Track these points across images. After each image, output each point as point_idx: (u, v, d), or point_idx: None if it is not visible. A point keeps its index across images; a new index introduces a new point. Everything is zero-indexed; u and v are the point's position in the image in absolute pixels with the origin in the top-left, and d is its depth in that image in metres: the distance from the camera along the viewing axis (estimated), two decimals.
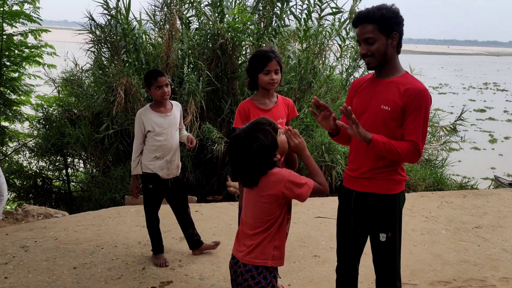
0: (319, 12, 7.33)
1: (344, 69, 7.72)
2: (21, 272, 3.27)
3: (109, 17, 6.51)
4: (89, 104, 6.53)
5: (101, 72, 6.63)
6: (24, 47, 7.79)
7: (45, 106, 7.84)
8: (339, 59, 7.70)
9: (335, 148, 6.10)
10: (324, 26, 7.48)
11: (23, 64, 7.87)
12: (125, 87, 5.90)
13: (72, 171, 7.94)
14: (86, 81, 7.35)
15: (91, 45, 6.76)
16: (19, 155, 8.06)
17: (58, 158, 7.62)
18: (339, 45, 7.67)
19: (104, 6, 6.45)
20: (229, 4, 6.79)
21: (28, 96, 8.19)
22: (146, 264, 3.45)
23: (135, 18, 6.89)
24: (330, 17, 7.54)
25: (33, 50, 7.88)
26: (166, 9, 6.61)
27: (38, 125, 7.71)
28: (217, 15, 6.71)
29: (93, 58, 6.89)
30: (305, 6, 7.29)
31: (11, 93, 7.90)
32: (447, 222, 4.56)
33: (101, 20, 6.64)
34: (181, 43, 6.57)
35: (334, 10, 7.37)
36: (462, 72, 51.18)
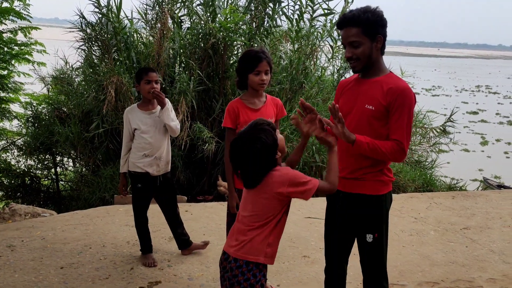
0: (311, 13, 7.34)
1: (335, 70, 7.74)
2: (7, 271, 3.23)
3: (100, 15, 6.46)
4: (79, 102, 6.46)
5: (91, 70, 6.57)
6: (13, 45, 7.69)
7: (35, 104, 7.74)
8: (331, 60, 7.72)
9: (326, 148, 6.10)
10: (316, 27, 7.50)
11: (13, 61, 7.78)
12: (116, 86, 5.86)
13: (61, 170, 7.85)
14: (76, 79, 7.29)
15: (81, 43, 6.70)
16: (7, 154, 7.96)
17: (47, 157, 7.53)
18: (331, 46, 7.69)
19: (95, 4, 6.40)
20: (221, 4, 6.77)
21: (17, 94, 8.10)
22: (135, 264, 3.43)
23: (126, 17, 6.85)
24: (322, 18, 7.56)
25: (22, 47, 7.80)
26: (157, 8, 6.59)
27: (27, 123, 7.61)
28: (209, 14, 6.69)
29: (84, 57, 6.84)
30: (297, 7, 7.31)
31: (0, 91, 7.81)
32: (435, 223, 4.59)
33: (92, 18, 6.60)
34: (173, 42, 6.54)
35: (326, 11, 7.39)
36: (455, 74, 51.81)
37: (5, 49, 7.62)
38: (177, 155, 5.98)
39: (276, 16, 7.11)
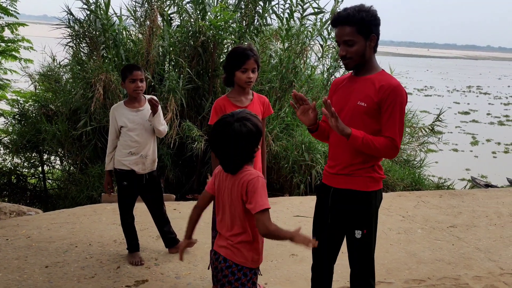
0: (301, 12, 7.35)
1: (325, 69, 7.76)
2: None
3: (88, 12, 6.39)
4: (67, 100, 6.39)
5: (79, 67, 6.50)
6: (0, 41, 7.60)
7: (21, 102, 7.65)
8: (321, 59, 7.73)
9: (315, 147, 6.13)
10: (306, 26, 7.51)
11: None
12: (104, 83, 5.81)
13: (48, 168, 7.77)
14: (64, 76, 7.21)
15: (69, 40, 6.62)
16: None
17: (33, 155, 7.45)
18: (321, 45, 7.71)
19: (84, 1, 6.33)
20: (211, 2, 6.75)
21: (3, 91, 7.99)
22: (121, 262, 3.39)
23: (115, 14, 6.79)
24: (312, 17, 7.57)
25: (9, 44, 7.71)
26: (147, 5, 6.54)
27: (14, 121, 7.51)
28: (199, 12, 6.67)
29: (72, 53, 6.76)
30: (287, 5, 7.31)
31: None
32: (423, 222, 4.62)
33: (81, 15, 6.53)
34: (162, 39, 6.50)
35: (316, 10, 7.41)
36: (447, 75, 52.38)
37: None
38: (166, 154, 5.94)
39: (266, 15, 7.11)
